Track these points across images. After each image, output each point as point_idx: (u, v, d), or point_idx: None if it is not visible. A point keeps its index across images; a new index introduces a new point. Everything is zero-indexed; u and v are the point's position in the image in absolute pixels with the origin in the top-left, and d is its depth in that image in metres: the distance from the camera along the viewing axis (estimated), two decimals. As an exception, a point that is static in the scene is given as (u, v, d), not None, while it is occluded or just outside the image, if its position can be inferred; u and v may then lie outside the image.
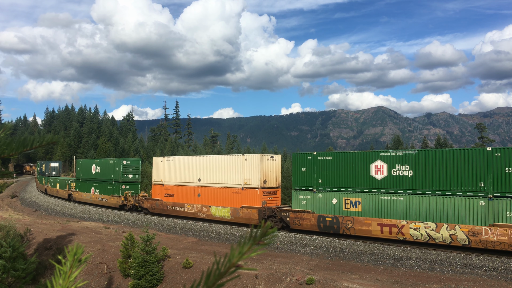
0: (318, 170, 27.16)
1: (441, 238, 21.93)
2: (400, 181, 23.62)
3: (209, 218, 33.66)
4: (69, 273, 1.13)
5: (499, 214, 20.46)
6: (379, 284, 16.96)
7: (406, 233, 23.05)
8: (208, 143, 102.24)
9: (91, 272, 23.48)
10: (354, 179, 25.53)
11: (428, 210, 22.53)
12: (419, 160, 23.11)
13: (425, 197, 22.66)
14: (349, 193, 25.69)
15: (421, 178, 22.86)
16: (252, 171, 30.77)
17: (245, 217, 30.77)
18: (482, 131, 77.20)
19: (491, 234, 20.40)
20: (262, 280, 18.28)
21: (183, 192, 35.92)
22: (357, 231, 24.97)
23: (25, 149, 1.69)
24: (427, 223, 22.39)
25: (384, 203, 24.13)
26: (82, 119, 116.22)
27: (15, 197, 63.18)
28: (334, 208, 26.27)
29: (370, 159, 24.96)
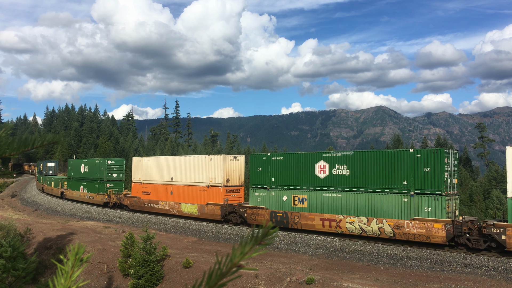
0: (272, 169, 29.33)
1: (371, 231, 24.09)
2: (339, 179, 25.83)
3: (180, 214, 35.90)
4: (71, 273, 1.14)
5: (419, 209, 22.55)
6: (379, 284, 16.96)
7: (343, 226, 25.30)
8: (208, 143, 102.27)
9: (91, 271, 23.48)
10: (301, 178, 27.68)
11: (361, 205, 24.67)
12: (354, 161, 25.31)
13: (359, 194, 24.84)
14: (297, 190, 27.86)
15: (356, 176, 25.03)
16: (216, 170, 32.91)
17: (210, 213, 32.97)
18: (482, 130, 77.22)
19: (412, 227, 22.51)
20: (262, 280, 18.29)
21: (158, 190, 38.15)
22: (303, 225, 27.25)
23: (27, 149, 1.69)
24: (360, 218, 24.60)
25: (326, 199, 26.39)
26: (82, 119, 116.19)
27: (15, 196, 63.19)
28: (284, 204, 28.50)
29: (314, 159, 27.15)
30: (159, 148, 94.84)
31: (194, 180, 34.64)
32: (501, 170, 67.71)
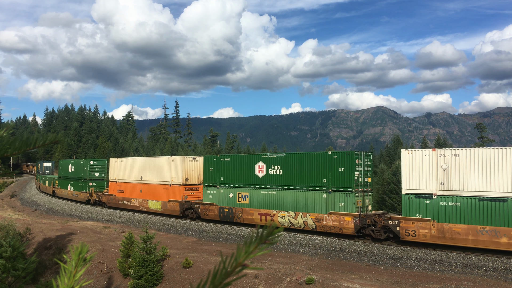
0: (221, 169, 32.36)
1: (298, 224, 27.28)
2: (274, 178, 28.90)
3: (147, 210, 38.98)
4: (74, 272, 1.13)
5: (334, 204, 25.67)
6: (378, 284, 16.96)
7: (276, 220, 28.45)
8: (207, 143, 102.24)
9: (90, 271, 23.47)
10: (244, 177, 30.69)
11: (291, 201, 27.85)
12: (286, 162, 28.31)
13: (290, 191, 27.98)
14: (241, 188, 30.87)
15: (288, 176, 28.10)
16: (177, 170, 35.76)
17: (171, 209, 36.03)
18: (482, 131, 77.27)
19: (328, 220, 25.69)
20: (262, 280, 18.28)
21: (130, 188, 41.27)
22: (245, 219, 30.26)
23: (28, 148, 1.69)
24: (289, 212, 27.86)
25: (263, 196, 29.46)
26: (82, 119, 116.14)
27: (14, 196, 63.15)
28: (231, 201, 31.49)
29: (255, 160, 30.19)
30: (159, 148, 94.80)
31: (159, 179, 37.54)
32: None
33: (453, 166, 21.98)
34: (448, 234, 21.56)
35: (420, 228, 22.34)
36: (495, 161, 20.93)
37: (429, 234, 22.10)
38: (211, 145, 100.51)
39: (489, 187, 20.87)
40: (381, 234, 23.85)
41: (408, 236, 22.71)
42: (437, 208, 22.17)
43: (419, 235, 22.39)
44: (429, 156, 22.81)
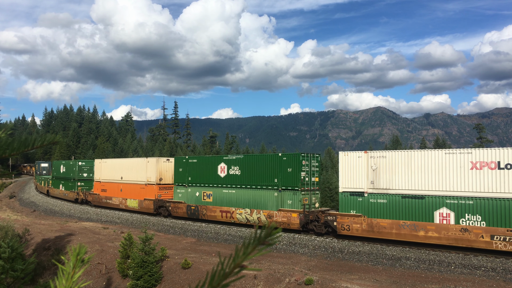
0: (189, 170, 34.61)
1: (253, 220, 29.61)
2: (234, 178, 31.17)
3: (126, 208, 41.29)
4: (72, 273, 1.13)
5: (284, 201, 27.96)
6: (377, 285, 16.96)
7: (234, 217, 30.78)
8: (207, 144, 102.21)
9: (89, 272, 23.44)
10: (209, 177, 33.02)
11: (248, 199, 30.07)
12: (244, 163, 30.61)
13: (247, 190, 30.21)
14: (206, 187, 33.18)
15: (245, 176, 30.40)
16: (152, 171, 38.23)
17: (146, 207, 38.52)
18: (480, 131, 77.34)
19: (278, 216, 28.02)
20: (261, 281, 18.27)
21: (112, 188, 43.65)
22: (209, 216, 32.59)
23: (27, 149, 1.68)
24: (246, 210, 30.06)
25: (225, 195, 31.72)
26: (81, 119, 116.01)
27: (13, 197, 63.04)
28: (197, 199, 33.80)
29: (217, 161, 32.54)
30: (158, 149, 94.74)
31: (136, 179, 40.07)
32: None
33: (381, 167, 24.16)
34: (376, 228, 23.83)
35: (353, 223, 24.72)
36: (416, 162, 23.03)
37: (361, 228, 24.44)
38: (210, 146, 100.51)
39: (410, 185, 22.99)
40: (322, 229, 26.28)
41: (343, 230, 25.08)
42: (367, 204, 24.49)
43: (352, 229, 24.75)
44: (361, 157, 25.05)
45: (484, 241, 20.51)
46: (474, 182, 21.18)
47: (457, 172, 21.70)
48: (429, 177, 22.43)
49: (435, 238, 21.88)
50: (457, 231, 21.33)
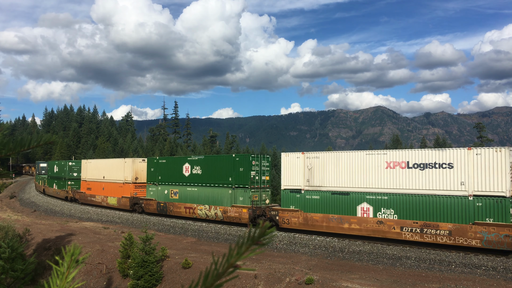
0: (159, 169, 37.42)
1: (211, 215, 32.33)
2: (196, 177, 33.96)
3: (108, 205, 44.24)
4: (67, 274, 1.12)
5: (236, 198, 30.73)
6: (378, 284, 16.96)
7: (196, 213, 33.62)
8: (207, 143, 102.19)
9: (90, 272, 23.45)
10: (175, 176, 35.70)
11: (208, 196, 32.78)
12: (204, 163, 33.42)
13: (207, 188, 32.94)
14: (173, 186, 35.90)
15: (205, 175, 33.12)
16: (128, 170, 41.11)
17: (123, 204, 41.43)
18: (481, 130, 77.31)
19: (231, 212, 30.73)
20: (261, 280, 18.27)
21: (96, 186, 46.69)
22: (175, 212, 35.46)
23: (23, 149, 1.68)
24: (205, 206, 32.88)
25: (188, 192, 34.49)
26: (81, 119, 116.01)
27: (14, 197, 63.07)
28: (165, 196, 36.58)
29: (183, 162, 35.20)
30: (158, 149, 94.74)
31: (116, 178, 42.96)
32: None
33: (315, 167, 26.74)
34: (310, 222, 26.59)
35: (292, 217, 27.54)
36: (343, 163, 25.60)
37: (298, 222, 27.21)
38: (210, 146, 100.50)
39: (338, 183, 25.67)
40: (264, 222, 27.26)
41: (284, 223, 27.88)
42: (304, 200, 27.21)
43: (291, 222, 27.51)
44: (299, 158, 27.51)
45: (395, 232, 23.08)
46: (388, 180, 23.70)
47: (375, 171, 24.19)
48: (353, 176, 25.01)
49: (357, 230, 24.52)
50: (374, 223, 23.94)
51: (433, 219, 22.04)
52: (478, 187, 21.05)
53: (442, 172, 22.08)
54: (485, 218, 20.69)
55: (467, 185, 21.38)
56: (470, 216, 21.11)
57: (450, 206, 21.72)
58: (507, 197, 20.15)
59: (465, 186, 21.43)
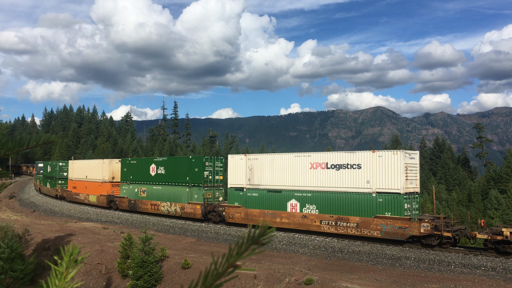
0: (131, 170, 40.83)
1: (172, 211, 35.42)
2: (161, 177, 37.18)
3: (89, 203, 47.43)
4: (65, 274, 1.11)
5: (192, 196, 33.75)
6: (377, 284, 16.95)
7: (160, 209, 36.78)
8: (206, 143, 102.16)
9: (89, 272, 23.42)
10: (144, 175, 39.00)
11: (170, 194, 35.86)
12: (168, 164, 36.64)
13: (169, 186, 36.00)
14: (142, 184, 39.17)
15: (168, 174, 36.20)
16: (106, 170, 44.59)
17: (102, 201, 44.93)
18: (480, 131, 77.30)
19: (188, 208, 33.86)
20: (261, 280, 18.26)
21: (80, 185, 50.06)
22: (143, 209, 38.77)
23: (22, 149, 1.67)
24: (167, 203, 35.91)
25: (154, 191, 37.68)
26: (81, 120, 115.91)
27: (13, 197, 63.01)
28: (136, 194, 39.89)
29: (149, 163, 38.74)
30: (158, 149, 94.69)
31: (96, 178, 46.33)
32: (499, 170, 67.68)
33: (255, 167, 29.62)
34: (250, 216, 29.52)
35: (235, 213, 30.49)
36: (277, 164, 28.36)
37: (240, 217, 30.15)
38: (210, 146, 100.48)
39: (273, 182, 28.49)
40: (217, 217, 31.97)
41: (230, 218, 30.80)
42: (245, 197, 30.14)
43: (235, 217, 30.42)
44: (243, 159, 30.33)
45: (316, 225, 26.02)
46: (312, 179, 26.50)
47: (302, 171, 27.00)
48: (285, 175, 27.88)
49: (286, 224, 27.51)
50: (300, 218, 26.98)
51: (345, 213, 24.90)
52: (380, 185, 23.70)
53: (353, 172, 24.81)
54: (384, 212, 23.40)
55: (371, 183, 24.07)
56: (373, 210, 23.81)
57: (358, 201, 24.46)
58: (402, 194, 22.77)
59: (370, 184, 24.13)
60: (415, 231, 22.26)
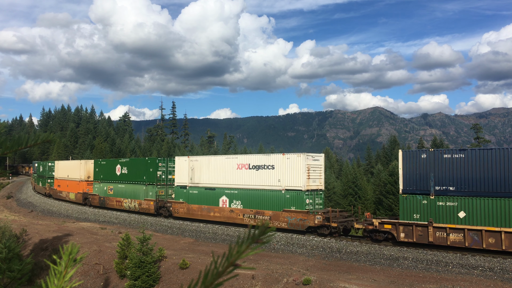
0: (101, 169, 45.11)
1: (132, 207, 39.95)
2: (124, 176, 41.32)
3: (69, 200, 51.86)
4: (64, 273, 1.11)
5: (147, 193, 38.29)
6: (375, 285, 16.97)
7: (122, 205, 41.00)
8: (204, 144, 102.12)
9: (87, 273, 23.37)
10: (111, 175, 42.99)
11: (130, 192, 40.34)
12: (130, 164, 41.36)
13: (130, 185, 40.43)
14: (110, 183, 43.40)
15: (130, 174, 40.65)
16: (83, 170, 49.21)
17: (78, 198, 49.37)
18: (478, 131, 77.44)
19: (144, 204, 38.33)
20: (259, 281, 18.26)
21: (63, 184, 54.39)
22: (110, 205, 43.03)
23: (20, 148, 1.66)
24: (128, 199, 40.37)
25: (119, 189, 41.93)
26: (79, 120, 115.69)
27: (10, 197, 62.83)
28: (105, 192, 44.15)
29: (115, 163, 43.13)
30: (156, 149, 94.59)
31: (75, 177, 50.81)
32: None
33: (196, 168, 33.58)
34: (191, 211, 33.69)
35: (180, 208, 34.71)
36: (212, 165, 32.39)
37: (184, 211, 34.36)
38: (208, 146, 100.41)
39: (209, 181, 32.47)
40: (166, 212, 36.15)
41: (175, 213, 34.96)
42: (188, 194, 34.19)
43: (179, 212, 34.69)
44: (186, 161, 34.47)
45: (240, 218, 30.07)
46: (238, 178, 30.39)
47: (231, 171, 30.88)
48: (218, 175, 31.73)
49: (218, 217, 31.56)
50: (228, 212, 30.97)
51: (262, 207, 28.92)
52: (288, 183, 27.56)
53: (268, 172, 28.70)
54: (291, 206, 27.41)
55: (282, 181, 27.94)
56: (282, 205, 27.83)
57: (271, 197, 28.47)
58: (303, 191, 26.74)
59: (281, 183, 27.97)
60: (311, 223, 26.16)
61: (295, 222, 27.03)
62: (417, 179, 22.58)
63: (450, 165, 21.68)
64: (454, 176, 21.41)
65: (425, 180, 22.34)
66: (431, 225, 21.90)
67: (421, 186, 22.43)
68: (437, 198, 21.91)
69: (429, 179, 22.23)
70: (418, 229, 22.38)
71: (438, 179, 21.91)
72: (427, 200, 22.24)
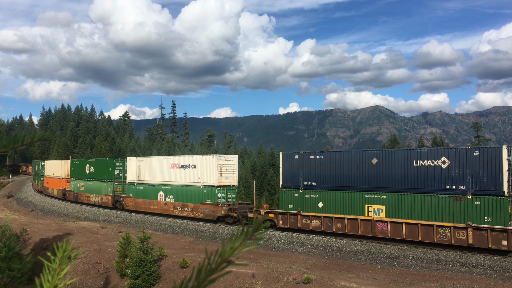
0: (76, 168, 50.79)
1: (96, 201, 45.46)
2: (92, 174, 46.66)
3: (54, 195, 57.29)
4: (59, 270, 1.11)
5: (107, 189, 43.60)
6: (376, 283, 16.98)
7: (90, 200, 46.39)
8: (204, 143, 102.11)
9: (87, 271, 23.39)
10: (82, 173, 48.77)
11: (96, 188, 45.64)
12: (95, 164, 46.40)
13: (96, 182, 45.74)
14: (81, 180, 49.16)
15: (95, 172, 45.85)
16: (63, 169, 54.86)
17: (59, 194, 54.83)
18: (478, 130, 77.36)
19: (104, 199, 44.04)
20: (259, 280, 18.27)
21: (50, 181, 59.99)
22: (81, 199, 48.52)
23: (16, 145, 1.66)
24: (94, 195, 45.87)
25: (88, 185, 47.40)
26: (79, 119, 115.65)
27: (11, 197, 62.86)
28: (78, 188, 49.59)
29: (85, 163, 48.53)
30: (156, 148, 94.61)
31: (58, 175, 56.16)
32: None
33: (141, 167, 38.81)
34: (137, 205, 39.02)
35: (129, 202, 40.16)
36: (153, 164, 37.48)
37: (132, 205, 39.74)
38: (208, 145, 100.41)
39: (151, 178, 37.72)
40: (120, 206, 41.44)
41: (127, 206, 40.44)
42: (136, 190, 39.43)
43: (129, 206, 40.09)
44: (135, 161, 39.69)
45: (171, 210, 35.27)
46: (171, 176, 35.49)
47: (166, 170, 35.90)
48: (157, 173, 36.85)
49: (156, 209, 36.73)
50: (163, 205, 36.18)
51: (186, 201, 33.89)
52: (205, 180, 32.42)
53: (192, 170, 33.58)
54: (206, 199, 32.25)
55: (201, 178, 32.71)
56: (201, 198, 32.73)
57: (193, 192, 33.30)
58: (215, 186, 31.59)
59: (200, 179, 32.75)
60: (220, 213, 31.09)
61: (209, 213, 31.95)
62: (292, 176, 27.80)
63: (313, 164, 26.81)
64: (316, 173, 26.58)
65: (297, 177, 27.50)
66: (299, 213, 27.22)
67: (295, 181, 27.64)
68: (304, 191, 27.12)
69: (299, 176, 27.35)
70: (291, 217, 27.67)
71: (305, 176, 27.09)
72: (298, 193, 27.43)
